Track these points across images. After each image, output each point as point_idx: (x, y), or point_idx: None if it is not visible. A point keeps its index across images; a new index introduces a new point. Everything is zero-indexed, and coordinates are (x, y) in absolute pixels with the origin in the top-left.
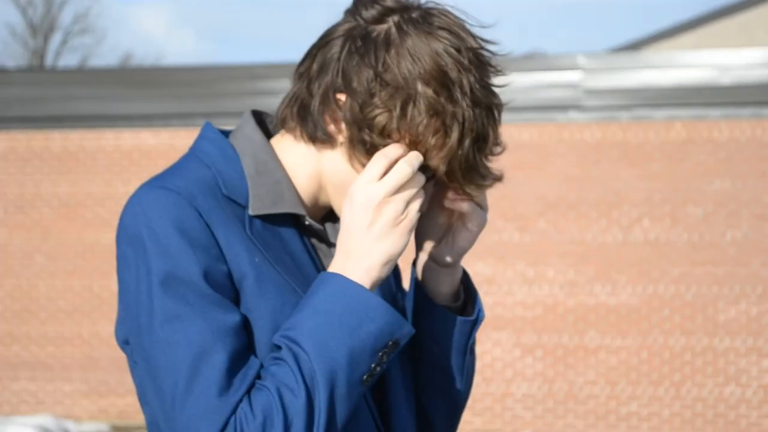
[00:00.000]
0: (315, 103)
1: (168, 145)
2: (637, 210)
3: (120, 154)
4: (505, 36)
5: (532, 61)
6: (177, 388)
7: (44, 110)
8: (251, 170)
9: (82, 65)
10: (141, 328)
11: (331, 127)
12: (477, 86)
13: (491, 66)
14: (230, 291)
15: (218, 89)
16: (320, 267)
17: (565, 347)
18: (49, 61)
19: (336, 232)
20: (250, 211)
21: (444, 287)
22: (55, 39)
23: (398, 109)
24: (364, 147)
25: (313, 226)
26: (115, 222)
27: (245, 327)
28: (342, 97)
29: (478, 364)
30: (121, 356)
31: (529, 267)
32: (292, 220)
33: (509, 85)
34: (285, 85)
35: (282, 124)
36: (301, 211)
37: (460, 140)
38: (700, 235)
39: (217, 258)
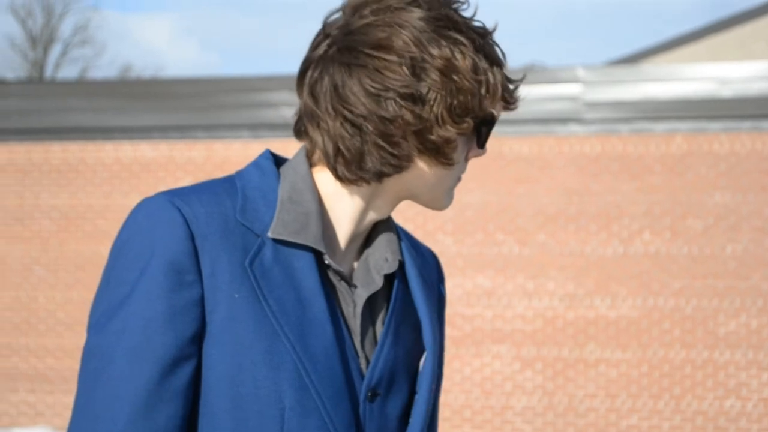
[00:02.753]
0: (373, 152)
1: (167, 157)
2: (638, 223)
3: (120, 166)
4: (504, 49)
5: (532, 73)
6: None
7: (43, 122)
8: (284, 195)
9: (81, 77)
10: (94, 323)
11: (399, 151)
12: (470, 28)
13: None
14: (194, 318)
15: (217, 101)
16: (336, 309)
17: (565, 360)
18: (48, 72)
19: (367, 272)
20: (270, 234)
21: None
22: (55, 50)
23: (443, 93)
24: (439, 148)
25: (332, 266)
26: (115, 234)
27: (190, 359)
28: (398, 122)
29: (478, 377)
30: None
31: (529, 280)
32: (314, 255)
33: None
34: (284, 98)
35: (331, 171)
36: (321, 248)
37: (494, 78)
38: (701, 248)
39: (191, 284)
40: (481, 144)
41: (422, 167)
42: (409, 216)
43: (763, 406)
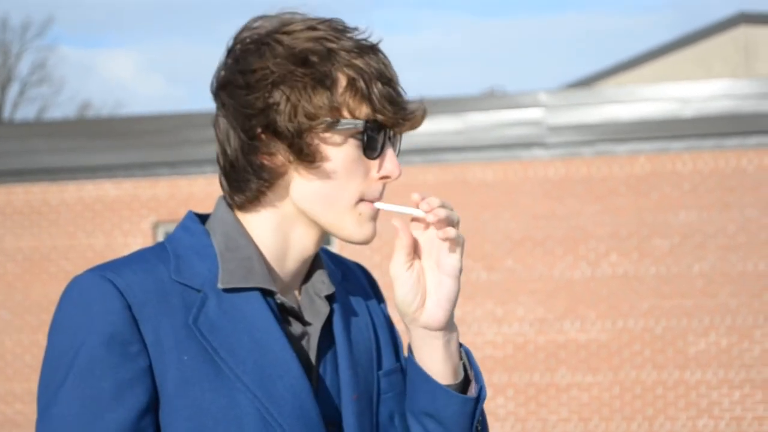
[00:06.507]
0: (240, 162)
1: (131, 195)
2: (604, 245)
3: (82, 206)
4: (464, 75)
5: (494, 99)
6: None
7: (5, 164)
8: (222, 247)
9: (39, 116)
10: (41, 409)
11: (272, 163)
12: (347, 40)
13: (343, 26)
14: (145, 389)
15: (180, 137)
16: (290, 346)
17: (537, 385)
18: (6, 113)
19: (311, 302)
20: (220, 285)
21: (439, 362)
22: (13, 90)
23: (303, 94)
24: (306, 149)
25: (285, 304)
26: None
27: (148, 430)
28: (258, 131)
29: None
30: None
31: (498, 306)
32: (262, 297)
33: (471, 124)
34: None
35: (237, 206)
36: (271, 287)
37: (369, 85)
38: (668, 267)
39: (136, 354)
40: (369, 153)
41: (299, 177)
42: (375, 246)
43: (735, 424)
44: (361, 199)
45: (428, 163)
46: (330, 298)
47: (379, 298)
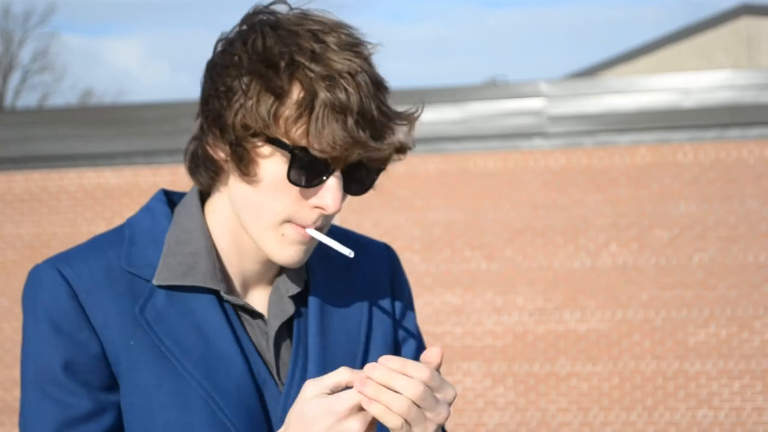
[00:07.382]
0: (198, 146)
1: (131, 183)
2: (604, 235)
3: (83, 193)
4: (466, 65)
5: (495, 89)
6: None
7: (5, 151)
8: (172, 238)
9: (41, 103)
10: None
11: (214, 155)
12: (333, 58)
13: (352, 40)
14: (102, 372)
15: (181, 125)
16: (246, 344)
17: (536, 375)
18: (8, 100)
19: (280, 298)
20: (154, 281)
21: None
22: (15, 78)
23: (249, 100)
24: (241, 153)
25: (231, 302)
26: None
27: (106, 410)
28: (210, 118)
29: None
30: None
31: (497, 295)
32: (212, 292)
33: (472, 113)
34: None
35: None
36: (213, 285)
37: (315, 111)
38: (668, 258)
39: (86, 342)
40: (293, 177)
41: (233, 179)
42: (375, 236)
43: (735, 415)
44: (289, 221)
45: (429, 153)
46: (304, 294)
47: (396, 291)
